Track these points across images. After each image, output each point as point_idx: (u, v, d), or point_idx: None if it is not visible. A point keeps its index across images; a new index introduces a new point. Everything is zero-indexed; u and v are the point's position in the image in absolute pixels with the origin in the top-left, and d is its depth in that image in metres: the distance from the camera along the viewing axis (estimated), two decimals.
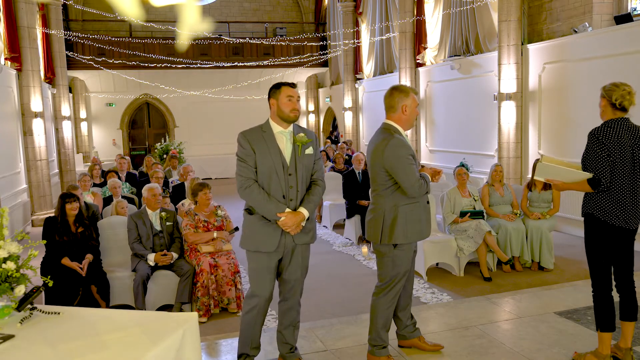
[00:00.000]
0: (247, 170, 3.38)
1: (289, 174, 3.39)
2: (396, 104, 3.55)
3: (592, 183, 3.39)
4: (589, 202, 3.50)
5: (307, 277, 3.66)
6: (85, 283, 5.05)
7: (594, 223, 3.48)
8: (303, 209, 3.41)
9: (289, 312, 3.60)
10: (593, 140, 3.40)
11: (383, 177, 3.50)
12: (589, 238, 3.54)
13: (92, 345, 2.13)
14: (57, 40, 13.53)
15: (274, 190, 3.37)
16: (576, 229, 7.98)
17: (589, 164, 3.41)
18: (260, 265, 3.44)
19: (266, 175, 3.37)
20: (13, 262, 2.45)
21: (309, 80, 20.63)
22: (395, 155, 3.43)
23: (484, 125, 10.45)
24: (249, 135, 3.41)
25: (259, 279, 3.46)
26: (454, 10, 11.23)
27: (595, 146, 3.38)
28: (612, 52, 7.61)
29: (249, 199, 3.38)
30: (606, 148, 3.34)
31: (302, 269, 3.56)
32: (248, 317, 3.49)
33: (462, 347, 3.97)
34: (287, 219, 3.33)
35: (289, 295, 3.58)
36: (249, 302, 3.49)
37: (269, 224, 3.39)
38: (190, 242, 5.49)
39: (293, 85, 3.44)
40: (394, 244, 3.54)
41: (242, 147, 3.40)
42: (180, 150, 14.95)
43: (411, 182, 3.43)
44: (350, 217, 8.29)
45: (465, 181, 6.58)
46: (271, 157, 3.37)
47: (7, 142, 9.55)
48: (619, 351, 3.54)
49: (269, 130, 3.43)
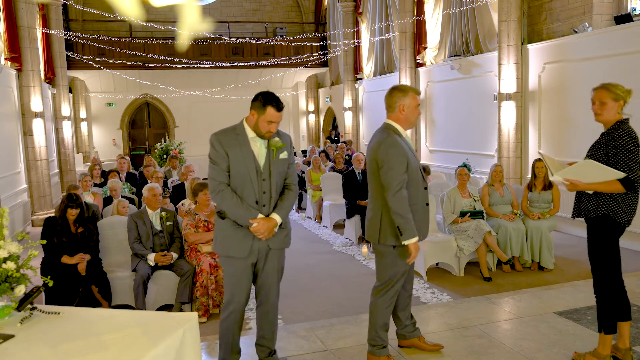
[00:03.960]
0: (220, 173, 3.31)
1: (263, 179, 3.34)
2: (394, 103, 3.54)
3: (626, 183, 3.24)
4: (604, 203, 3.36)
5: (307, 277, 3.67)
6: (85, 283, 5.05)
7: (608, 225, 3.38)
8: (275, 215, 3.37)
9: (266, 316, 3.57)
10: (626, 138, 3.26)
11: (378, 176, 3.49)
12: (600, 240, 3.43)
13: (92, 345, 2.13)
14: (57, 40, 13.54)
15: (247, 195, 3.32)
16: (576, 229, 7.98)
17: (621, 162, 3.25)
18: (234, 270, 3.40)
19: (239, 180, 3.32)
20: (13, 262, 2.45)
21: (309, 80, 20.62)
22: (384, 154, 3.42)
23: (484, 125, 10.45)
24: (222, 138, 3.33)
25: (234, 285, 3.41)
26: (454, 10, 11.23)
27: (629, 144, 3.24)
28: (612, 52, 7.62)
29: (221, 203, 3.32)
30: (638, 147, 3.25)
31: (278, 272, 3.53)
32: (226, 324, 3.47)
33: (462, 347, 3.97)
34: (260, 226, 3.28)
35: (265, 299, 3.54)
36: (225, 309, 3.45)
37: (240, 229, 3.34)
38: (190, 242, 5.49)
39: (280, 109, 3.28)
40: (392, 245, 3.53)
41: (214, 149, 3.32)
42: (180, 150, 14.96)
43: (389, 183, 3.38)
44: (350, 217, 8.29)
45: (465, 181, 6.58)
46: (245, 162, 3.31)
47: (7, 142, 9.55)
48: (618, 351, 3.54)
49: (242, 133, 3.35)
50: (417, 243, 3.45)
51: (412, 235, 3.40)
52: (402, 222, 3.38)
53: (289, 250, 3.71)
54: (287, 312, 5.24)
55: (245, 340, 4.01)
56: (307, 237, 8.92)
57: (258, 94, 3.33)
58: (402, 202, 3.38)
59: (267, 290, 3.52)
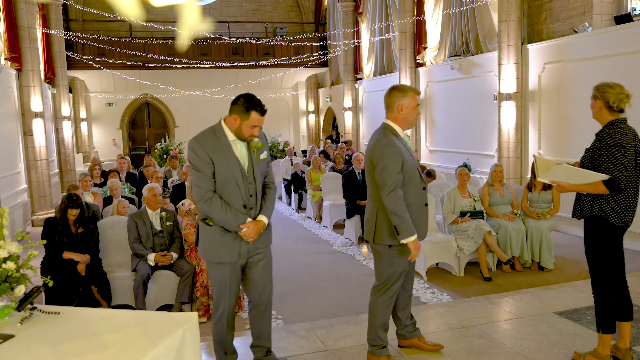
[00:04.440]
0: (206, 181, 3.23)
1: (249, 183, 3.31)
2: (393, 103, 3.53)
3: (610, 185, 3.27)
4: (596, 204, 3.40)
5: (307, 277, 3.66)
6: (85, 283, 5.05)
7: (601, 225, 3.40)
8: (263, 217, 3.36)
9: (262, 315, 3.54)
10: (609, 140, 3.29)
11: (374, 175, 3.48)
12: (594, 240, 3.47)
13: (92, 345, 2.13)
14: (57, 40, 13.54)
15: (235, 200, 3.27)
16: (576, 229, 7.97)
17: (605, 165, 3.30)
18: (224, 275, 3.37)
19: (226, 186, 3.27)
20: (13, 262, 2.45)
21: (309, 80, 20.63)
22: (379, 153, 3.42)
23: (484, 125, 10.46)
24: (204, 143, 3.24)
25: (224, 291, 3.39)
26: (454, 10, 11.23)
27: (612, 147, 3.28)
28: (612, 52, 7.61)
29: (210, 211, 3.25)
30: (622, 149, 3.27)
31: (268, 269, 3.52)
32: (218, 327, 3.46)
33: (462, 347, 3.97)
34: (250, 230, 3.26)
35: (260, 300, 3.50)
36: (216, 313, 3.44)
37: (227, 234, 3.31)
38: (190, 242, 5.49)
39: (263, 113, 3.24)
40: (388, 245, 3.53)
41: (197, 155, 3.22)
42: (180, 150, 14.96)
43: (384, 182, 3.37)
44: (350, 217, 8.29)
45: (466, 181, 6.58)
46: (230, 167, 3.25)
47: (7, 142, 9.55)
48: (619, 351, 3.54)
49: (223, 137, 3.28)
50: (416, 241, 3.44)
51: (410, 233, 3.39)
52: (399, 222, 3.37)
53: (289, 250, 3.71)
54: (287, 312, 5.23)
55: (243, 341, 4.01)
56: (307, 237, 8.92)
57: (239, 97, 3.25)
58: (397, 201, 3.37)
59: (260, 290, 3.49)
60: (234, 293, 3.43)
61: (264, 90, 18.72)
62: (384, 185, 3.39)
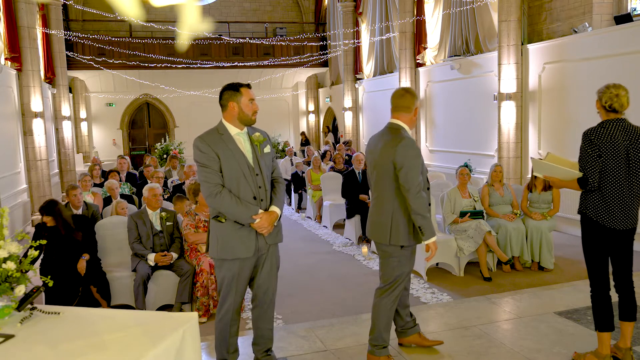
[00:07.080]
0: (214, 175, 3.27)
1: (256, 174, 3.35)
2: (412, 105, 3.61)
3: (581, 182, 3.44)
4: (583, 201, 3.54)
5: (307, 277, 3.67)
6: (84, 283, 5.05)
7: (587, 222, 3.52)
8: (275, 208, 3.39)
9: (265, 314, 3.55)
10: (585, 140, 3.44)
11: (393, 176, 3.49)
12: (583, 237, 3.58)
13: (92, 345, 2.13)
14: (57, 40, 13.54)
15: (244, 192, 3.30)
16: (576, 229, 7.96)
17: (580, 163, 3.47)
18: (236, 272, 3.36)
19: (234, 179, 3.29)
20: (13, 262, 2.45)
21: (309, 80, 20.63)
22: (406, 155, 3.44)
23: (484, 125, 10.45)
24: (209, 140, 3.30)
25: (233, 288, 3.38)
26: (454, 10, 11.23)
27: (586, 146, 3.42)
28: (612, 52, 7.61)
29: (221, 205, 3.27)
30: (597, 148, 3.37)
31: (275, 268, 3.53)
32: (222, 325, 3.46)
33: (462, 347, 3.97)
34: (263, 220, 3.28)
35: (264, 297, 3.51)
36: (221, 310, 3.43)
37: (242, 229, 3.31)
38: (190, 242, 5.49)
39: (249, 86, 3.38)
40: (401, 245, 3.55)
41: (202, 151, 3.28)
42: (180, 150, 14.97)
43: (411, 184, 3.41)
44: (350, 217, 8.29)
45: (466, 181, 6.58)
46: (236, 160, 3.29)
47: (7, 142, 9.55)
48: (619, 351, 3.55)
49: (226, 132, 3.34)
50: (435, 242, 3.56)
51: (433, 234, 3.51)
52: (424, 223, 3.45)
53: (288, 250, 3.72)
54: (287, 312, 5.23)
55: (244, 340, 4.01)
56: (307, 237, 8.92)
57: (222, 90, 3.37)
58: (423, 202, 3.45)
59: (265, 288, 3.50)
60: (241, 292, 3.44)
61: (264, 91, 18.73)
62: (410, 186, 3.42)
